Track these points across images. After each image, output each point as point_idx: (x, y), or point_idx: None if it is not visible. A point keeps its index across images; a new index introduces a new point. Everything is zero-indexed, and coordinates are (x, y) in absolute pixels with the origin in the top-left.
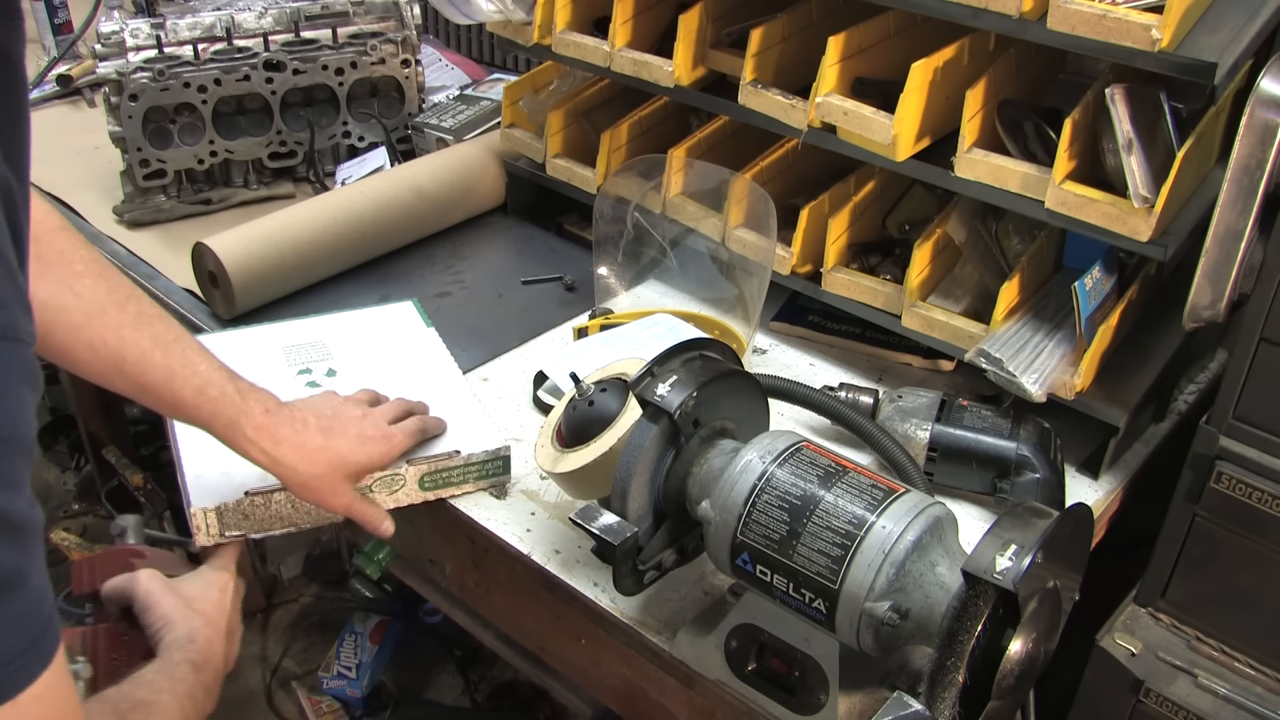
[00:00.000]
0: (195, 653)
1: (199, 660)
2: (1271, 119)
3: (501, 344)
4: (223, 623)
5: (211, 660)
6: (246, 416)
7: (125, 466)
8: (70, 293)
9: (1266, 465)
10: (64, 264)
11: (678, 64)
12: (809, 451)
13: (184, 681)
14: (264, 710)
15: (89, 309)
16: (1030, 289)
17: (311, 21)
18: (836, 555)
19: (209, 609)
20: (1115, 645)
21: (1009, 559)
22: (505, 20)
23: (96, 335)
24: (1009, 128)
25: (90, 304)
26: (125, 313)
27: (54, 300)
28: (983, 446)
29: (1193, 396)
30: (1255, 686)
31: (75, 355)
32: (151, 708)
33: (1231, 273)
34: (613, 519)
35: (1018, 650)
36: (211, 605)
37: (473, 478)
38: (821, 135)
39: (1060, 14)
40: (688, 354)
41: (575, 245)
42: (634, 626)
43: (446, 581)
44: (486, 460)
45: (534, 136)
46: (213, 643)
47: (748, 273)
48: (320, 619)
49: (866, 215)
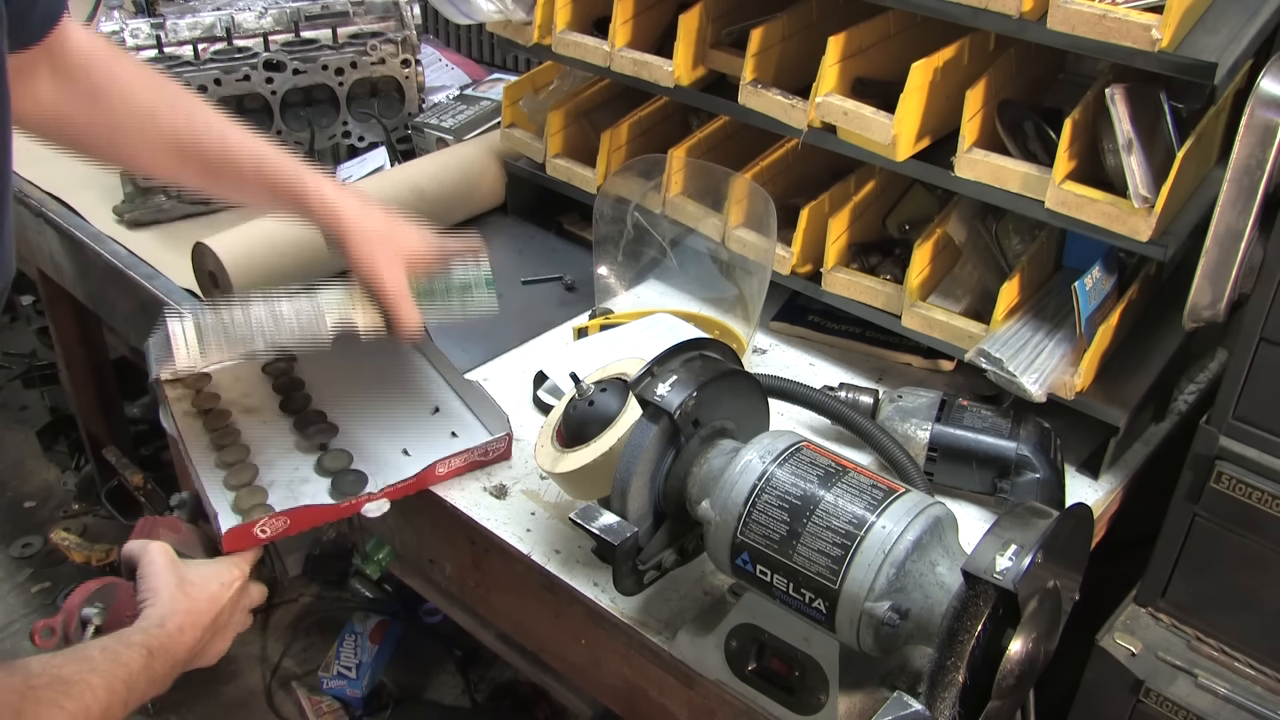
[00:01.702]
0: (158, 637)
1: (156, 646)
2: (1271, 119)
3: (501, 344)
4: (208, 617)
5: (173, 650)
6: (309, 173)
7: (125, 466)
8: (124, 109)
9: (1266, 465)
10: (114, 86)
11: (678, 64)
12: (809, 451)
13: (126, 666)
14: (264, 710)
15: (142, 116)
16: (1030, 289)
17: (311, 21)
18: (836, 555)
19: (200, 599)
20: (1115, 645)
21: (1009, 559)
22: (505, 20)
23: (153, 139)
24: (1009, 128)
25: (144, 110)
26: (177, 111)
27: (113, 118)
28: (983, 446)
29: (1193, 396)
30: (1255, 686)
31: (140, 160)
32: (71, 687)
33: (1231, 273)
34: (613, 519)
35: (1018, 650)
36: (206, 596)
37: (456, 294)
38: (821, 135)
39: (1060, 14)
40: (688, 354)
41: (575, 245)
42: (634, 626)
43: (446, 581)
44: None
45: (534, 136)
46: (184, 631)
47: (748, 273)
48: (320, 619)
49: (866, 215)
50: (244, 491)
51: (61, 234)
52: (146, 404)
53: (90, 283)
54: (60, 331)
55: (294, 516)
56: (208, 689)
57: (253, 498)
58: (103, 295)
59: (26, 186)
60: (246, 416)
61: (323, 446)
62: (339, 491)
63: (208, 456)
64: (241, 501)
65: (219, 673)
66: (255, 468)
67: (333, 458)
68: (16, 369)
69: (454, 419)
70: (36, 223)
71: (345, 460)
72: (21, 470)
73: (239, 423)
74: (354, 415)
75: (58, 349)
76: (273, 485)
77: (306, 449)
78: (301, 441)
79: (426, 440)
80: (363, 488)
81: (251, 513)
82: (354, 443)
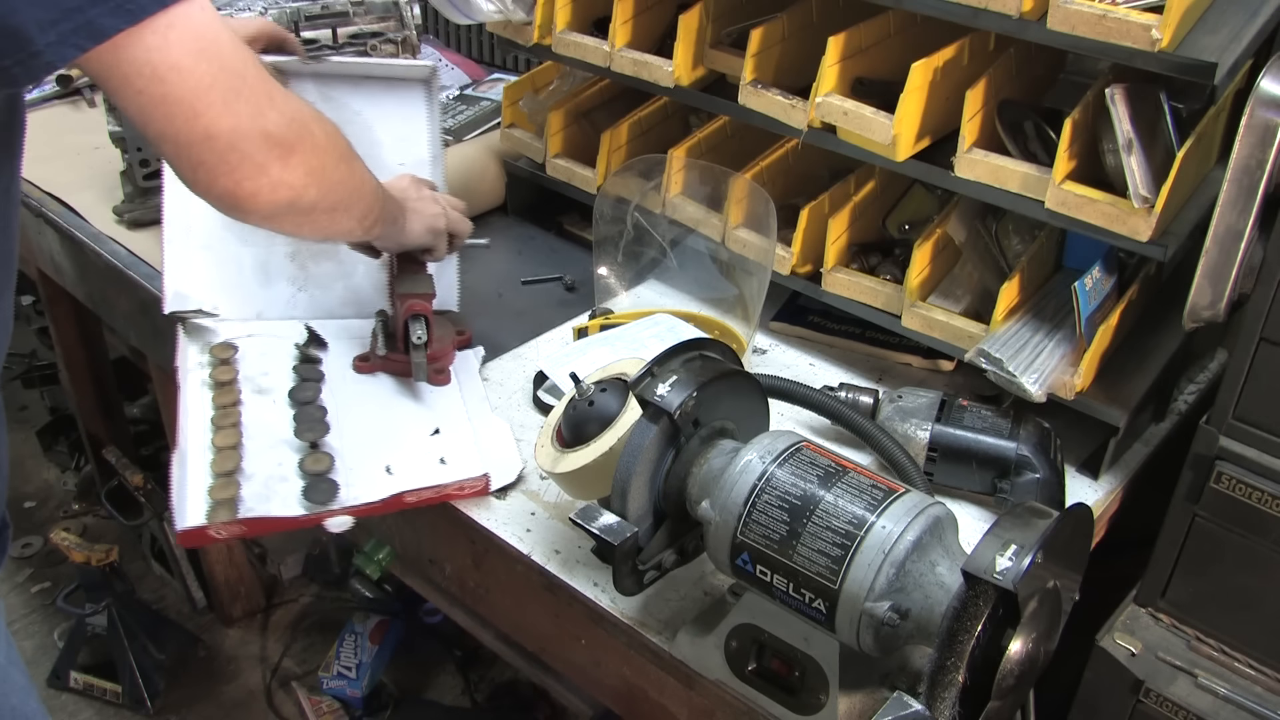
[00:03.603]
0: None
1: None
2: (1271, 119)
3: (501, 344)
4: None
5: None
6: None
7: (125, 466)
8: None
9: (1266, 465)
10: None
11: (678, 64)
12: (809, 451)
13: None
14: (264, 710)
15: None
16: (1030, 289)
17: (311, 21)
18: (836, 555)
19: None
20: (1115, 645)
21: (1009, 559)
22: (505, 20)
23: None
24: (1009, 128)
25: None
26: None
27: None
28: (983, 446)
29: (1193, 396)
30: (1255, 686)
31: None
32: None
33: (1231, 273)
34: (613, 519)
35: (1018, 650)
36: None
37: None
38: (821, 135)
39: (1060, 14)
40: (688, 354)
41: (575, 245)
42: (634, 626)
43: (446, 581)
44: None
45: (534, 136)
46: (406, 191)
47: (748, 273)
48: (320, 619)
49: (866, 215)
50: (221, 481)
51: (61, 234)
52: (147, 404)
53: (90, 283)
54: (60, 331)
55: (251, 525)
56: (208, 689)
57: (225, 490)
58: (103, 295)
59: (27, 187)
60: (257, 397)
61: (313, 445)
62: (308, 499)
63: (203, 435)
64: (215, 492)
65: (219, 673)
66: (239, 457)
67: (315, 459)
68: (16, 369)
69: (450, 446)
70: (36, 223)
71: (326, 464)
72: (21, 470)
73: (246, 403)
74: (353, 419)
75: (58, 349)
76: (251, 479)
77: (297, 443)
78: (296, 433)
79: (412, 461)
80: (331, 500)
81: (216, 512)
82: (341, 447)
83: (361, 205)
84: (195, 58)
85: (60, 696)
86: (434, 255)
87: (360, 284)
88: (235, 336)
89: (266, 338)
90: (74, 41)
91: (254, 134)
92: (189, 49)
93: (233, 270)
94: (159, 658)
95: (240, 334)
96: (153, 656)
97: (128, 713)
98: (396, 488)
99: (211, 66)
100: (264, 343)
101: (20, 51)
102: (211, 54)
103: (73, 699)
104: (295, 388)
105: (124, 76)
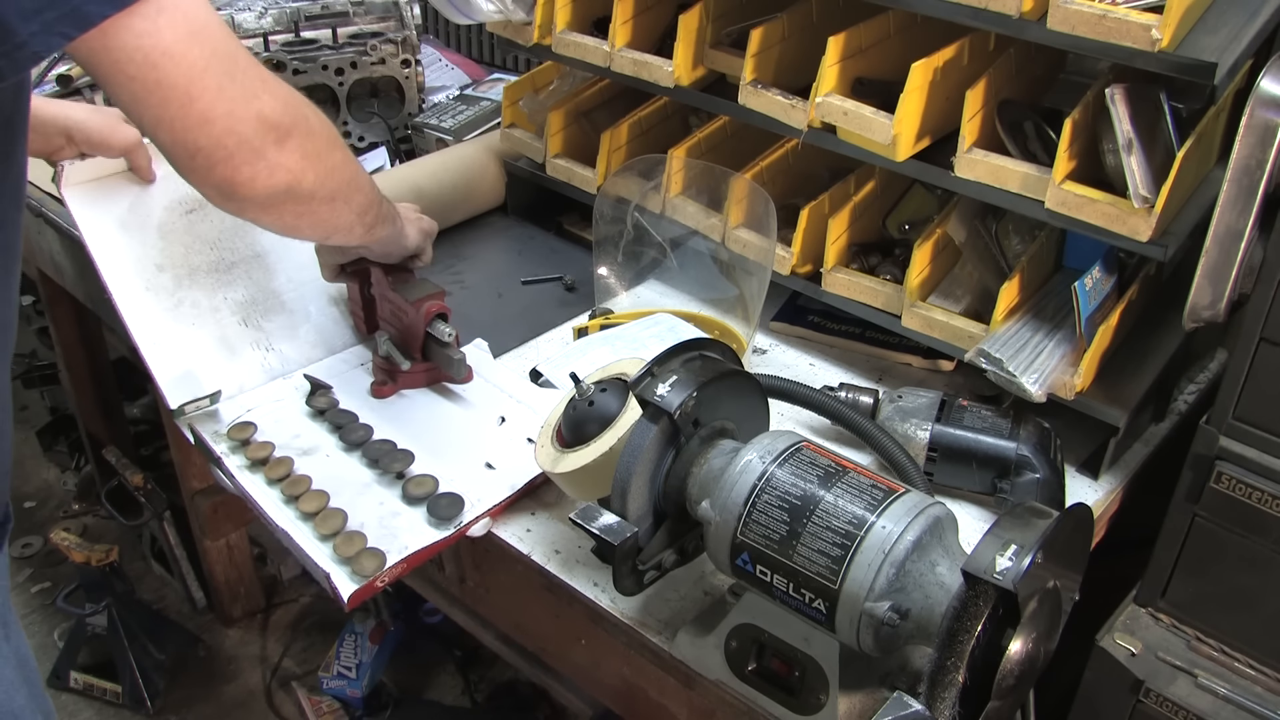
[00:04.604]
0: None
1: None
2: (1271, 119)
3: (501, 344)
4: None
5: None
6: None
7: (125, 466)
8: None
9: (1266, 465)
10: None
11: (678, 64)
12: (809, 451)
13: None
14: (264, 710)
15: None
16: (1030, 289)
17: (311, 21)
18: (836, 555)
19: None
20: (1115, 645)
21: (1009, 559)
22: (505, 20)
23: None
24: (1009, 128)
25: None
26: None
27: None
28: (983, 446)
29: (1193, 396)
30: (1255, 686)
31: None
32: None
33: (1231, 273)
34: (613, 519)
35: (1018, 650)
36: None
37: None
38: (821, 135)
39: (1060, 14)
40: (688, 354)
41: (575, 245)
42: (634, 626)
43: (446, 581)
44: None
45: (534, 136)
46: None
47: (748, 273)
48: (320, 619)
49: (866, 215)
50: (341, 540)
51: (61, 234)
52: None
53: (90, 283)
54: (60, 331)
55: (410, 561)
56: (208, 689)
57: (353, 545)
58: (103, 295)
59: (27, 186)
60: (306, 459)
61: (401, 475)
62: (437, 518)
63: (284, 511)
64: (342, 550)
65: (219, 673)
66: (342, 512)
67: (417, 484)
68: (17, 369)
69: (525, 426)
70: (36, 223)
71: (431, 485)
72: (21, 470)
73: (301, 467)
74: (422, 437)
75: (58, 349)
76: (365, 525)
77: (386, 480)
78: (378, 474)
79: (503, 450)
80: (461, 510)
81: (361, 565)
82: (434, 464)
83: (360, 198)
84: (187, 42)
85: (60, 696)
86: (423, 260)
87: (320, 322)
88: (239, 417)
89: (269, 405)
90: (59, 30)
91: (249, 117)
92: (180, 33)
93: (197, 355)
94: (159, 658)
95: (240, 412)
96: (153, 656)
97: (128, 713)
98: (518, 473)
99: (204, 50)
100: (270, 410)
101: (3, 43)
102: (204, 38)
103: (73, 699)
104: (344, 431)
105: (114, 64)
